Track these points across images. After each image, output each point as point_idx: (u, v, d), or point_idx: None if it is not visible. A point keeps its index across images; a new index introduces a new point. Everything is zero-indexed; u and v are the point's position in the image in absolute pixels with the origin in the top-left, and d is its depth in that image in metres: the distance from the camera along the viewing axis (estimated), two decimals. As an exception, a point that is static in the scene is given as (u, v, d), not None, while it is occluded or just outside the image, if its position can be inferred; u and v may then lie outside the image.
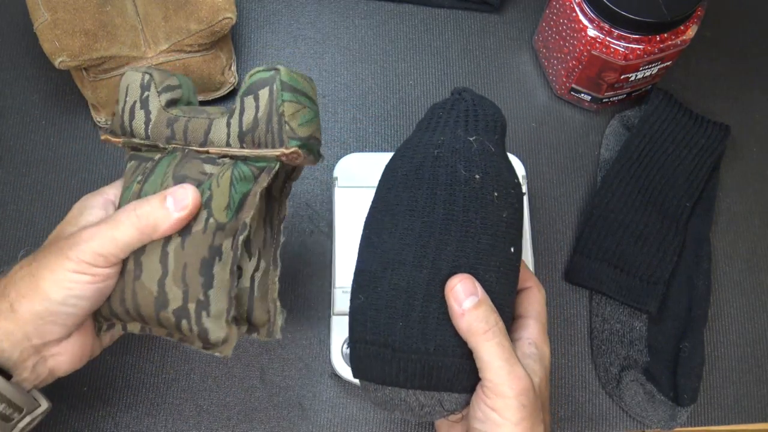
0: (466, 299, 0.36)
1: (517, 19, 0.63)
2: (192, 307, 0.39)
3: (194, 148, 0.42)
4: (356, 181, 0.54)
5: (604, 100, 0.59)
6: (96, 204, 0.42)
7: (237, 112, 0.41)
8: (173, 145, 0.42)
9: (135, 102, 0.43)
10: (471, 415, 0.38)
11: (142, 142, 0.43)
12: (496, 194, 0.39)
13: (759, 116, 0.61)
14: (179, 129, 0.42)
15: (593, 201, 0.56)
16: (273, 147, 0.40)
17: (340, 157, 0.55)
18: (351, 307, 0.41)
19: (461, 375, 0.37)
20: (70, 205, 0.43)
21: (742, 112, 0.61)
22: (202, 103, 0.54)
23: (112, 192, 0.43)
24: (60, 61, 0.51)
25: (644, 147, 0.56)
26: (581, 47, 0.53)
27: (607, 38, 0.51)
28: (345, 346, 0.50)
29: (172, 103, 0.43)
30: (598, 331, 0.54)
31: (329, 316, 0.53)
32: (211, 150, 0.42)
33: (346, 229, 0.53)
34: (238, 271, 0.41)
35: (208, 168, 0.41)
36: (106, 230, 0.38)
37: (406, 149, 0.42)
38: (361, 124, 0.59)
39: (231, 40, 0.59)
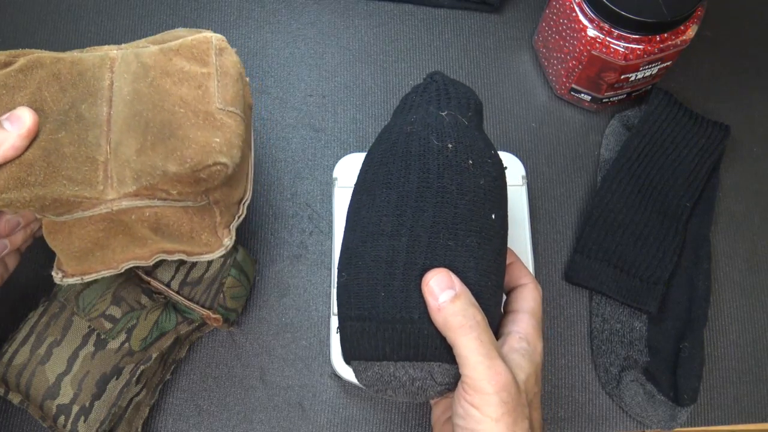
0: (441, 293, 0.36)
1: (517, 19, 0.63)
2: (75, 408, 0.44)
3: (140, 273, 0.47)
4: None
5: (604, 100, 0.59)
6: None
7: (189, 264, 0.47)
8: None
9: None
10: (453, 411, 0.37)
11: None
12: (470, 162, 0.39)
13: (759, 116, 0.62)
14: None
15: (593, 201, 0.56)
16: (203, 306, 0.47)
17: (340, 157, 0.55)
18: (337, 289, 0.40)
19: (448, 342, 0.37)
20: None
21: (742, 112, 0.61)
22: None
23: None
24: None
25: (644, 147, 0.56)
26: (581, 47, 0.53)
27: (607, 38, 0.51)
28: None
29: None
30: (598, 331, 0.54)
31: (329, 316, 0.53)
32: (153, 283, 0.47)
33: (346, 229, 0.53)
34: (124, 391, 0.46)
35: (144, 300, 0.47)
36: None
37: (382, 134, 0.42)
38: (361, 124, 0.59)
39: (250, 186, 0.46)
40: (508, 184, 0.44)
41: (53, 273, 0.43)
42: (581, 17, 0.52)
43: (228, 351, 0.53)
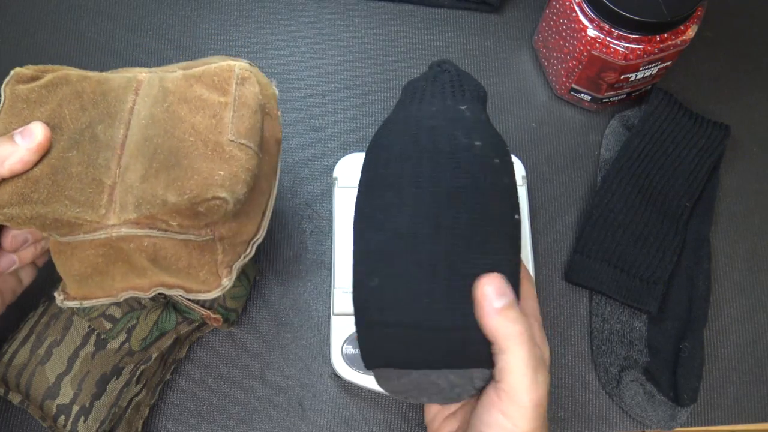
0: (496, 299, 0.35)
1: (517, 19, 0.63)
2: (75, 408, 0.44)
3: None
4: (356, 181, 0.54)
5: (604, 100, 0.59)
6: None
7: None
8: None
9: None
10: (477, 418, 0.36)
11: None
12: (497, 160, 0.38)
13: (759, 116, 0.62)
14: None
15: (593, 201, 0.56)
16: (203, 306, 0.47)
17: (340, 157, 0.55)
18: (361, 293, 0.37)
19: (495, 349, 0.35)
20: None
21: (742, 112, 0.61)
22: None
23: None
24: None
25: (644, 147, 0.56)
26: (581, 47, 0.53)
27: (607, 38, 0.51)
28: (345, 345, 0.50)
29: None
30: (598, 331, 0.54)
31: (329, 316, 0.53)
32: None
33: (346, 229, 0.53)
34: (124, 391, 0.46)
35: (144, 300, 0.47)
36: None
37: (394, 124, 0.40)
38: (361, 124, 0.59)
39: (265, 222, 0.43)
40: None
41: (56, 294, 0.42)
42: (581, 17, 0.52)
43: (228, 351, 0.53)
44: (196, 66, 0.42)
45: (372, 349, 0.37)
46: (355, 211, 0.39)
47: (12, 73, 0.39)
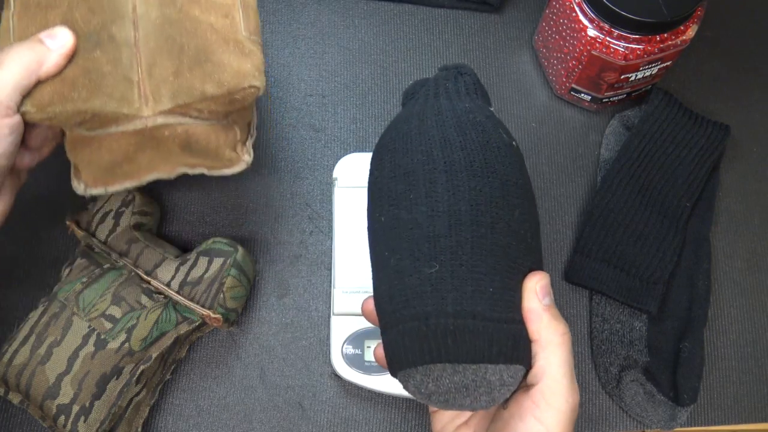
0: (546, 296, 0.35)
1: (517, 19, 0.63)
2: (75, 408, 0.45)
3: (140, 273, 0.48)
4: (356, 181, 0.54)
5: (604, 100, 0.59)
6: None
7: (189, 264, 0.49)
8: (124, 261, 0.48)
9: (111, 211, 0.50)
10: (507, 426, 0.35)
11: (99, 245, 0.49)
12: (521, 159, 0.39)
13: (759, 116, 0.61)
14: (135, 250, 0.49)
15: (593, 201, 0.56)
16: (203, 306, 0.48)
17: (340, 157, 0.55)
18: (415, 279, 0.34)
19: (535, 347, 0.35)
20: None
21: (742, 112, 0.61)
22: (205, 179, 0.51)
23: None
24: (23, 111, 0.39)
25: (644, 147, 0.56)
26: (581, 47, 0.53)
27: (607, 38, 0.51)
28: (345, 345, 0.50)
29: (138, 226, 0.50)
30: (598, 331, 0.54)
31: (329, 316, 0.53)
32: (153, 282, 0.48)
33: (346, 229, 0.53)
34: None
35: (144, 299, 0.48)
36: None
37: (423, 116, 0.39)
38: (361, 124, 0.59)
39: (256, 111, 0.50)
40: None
41: (74, 183, 0.44)
42: (581, 17, 0.52)
43: (228, 351, 0.53)
44: None
45: (422, 343, 0.34)
46: (395, 198, 0.37)
47: None
